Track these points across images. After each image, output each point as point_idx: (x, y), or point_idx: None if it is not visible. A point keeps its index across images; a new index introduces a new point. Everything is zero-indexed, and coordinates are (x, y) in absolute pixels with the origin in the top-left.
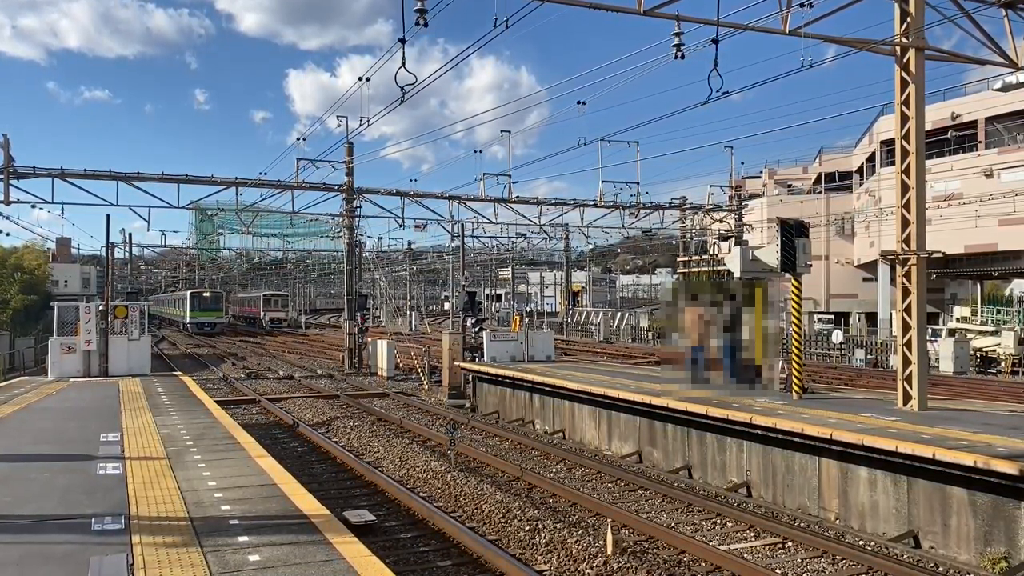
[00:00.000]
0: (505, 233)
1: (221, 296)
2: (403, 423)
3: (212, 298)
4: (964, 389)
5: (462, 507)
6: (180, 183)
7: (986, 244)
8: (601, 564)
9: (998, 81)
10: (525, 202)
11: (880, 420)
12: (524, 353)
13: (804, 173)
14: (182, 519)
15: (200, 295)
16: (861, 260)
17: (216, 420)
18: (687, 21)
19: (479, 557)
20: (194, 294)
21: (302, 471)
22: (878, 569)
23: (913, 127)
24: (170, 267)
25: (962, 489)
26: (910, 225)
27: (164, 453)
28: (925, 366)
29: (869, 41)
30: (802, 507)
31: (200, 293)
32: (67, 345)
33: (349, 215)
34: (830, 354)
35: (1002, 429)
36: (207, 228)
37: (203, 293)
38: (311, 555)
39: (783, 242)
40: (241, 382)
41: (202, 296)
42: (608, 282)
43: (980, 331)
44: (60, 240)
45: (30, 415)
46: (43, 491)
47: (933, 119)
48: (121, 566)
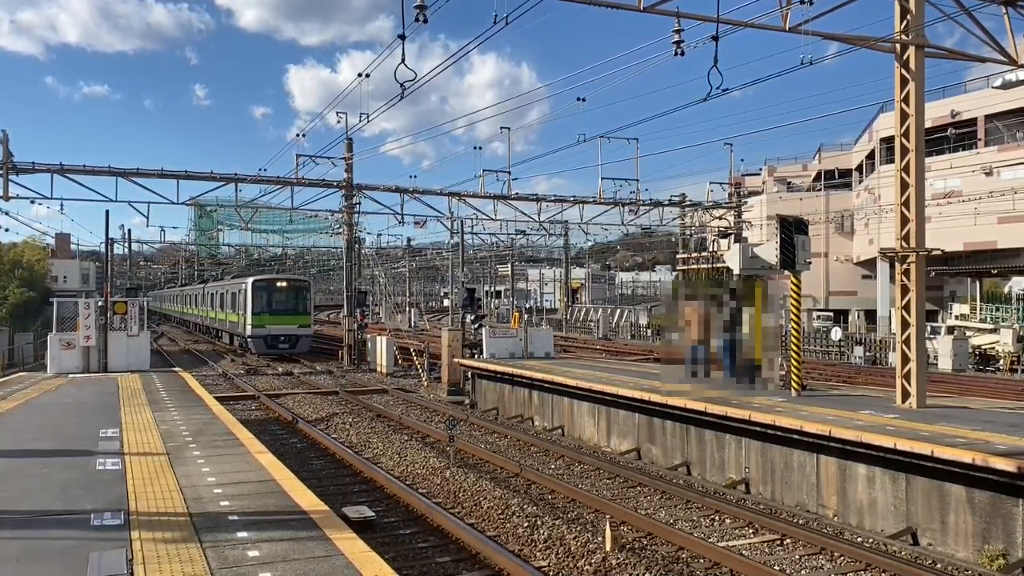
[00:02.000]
0: (504, 230)
1: (307, 288)
2: (402, 419)
3: (292, 291)
4: (963, 387)
5: (461, 503)
6: (179, 179)
7: (985, 242)
8: (600, 560)
9: (998, 79)
10: (525, 199)
11: (879, 417)
12: (523, 350)
13: (804, 170)
14: (181, 515)
15: (272, 286)
16: (860, 257)
17: (215, 416)
18: (687, 18)
19: (478, 553)
20: (261, 284)
21: (301, 467)
22: (876, 566)
23: (913, 124)
24: (169, 263)
25: (960, 486)
26: (909, 223)
27: (163, 449)
28: (924, 363)
29: (869, 38)
30: (801, 504)
31: (272, 283)
32: (66, 341)
33: (348, 211)
34: (829, 351)
35: (1001, 427)
36: (206, 224)
37: (277, 282)
38: (310, 551)
39: (782, 239)
40: (240, 378)
41: (275, 287)
42: (607, 279)
43: (979, 329)
44: (59, 236)
45: (29, 411)
46: (42, 487)
47: (933, 117)
48: (121, 562)
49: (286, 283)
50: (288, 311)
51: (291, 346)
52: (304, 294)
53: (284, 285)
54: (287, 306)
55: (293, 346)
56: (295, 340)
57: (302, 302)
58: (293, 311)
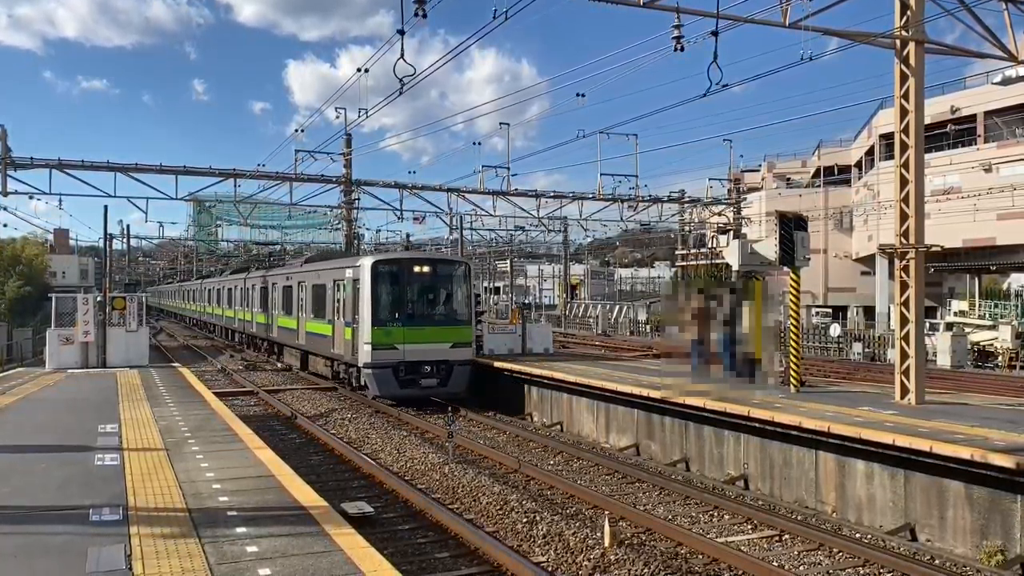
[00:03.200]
0: (503, 226)
1: (467, 275)
2: (401, 415)
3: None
4: (961, 383)
5: (460, 499)
6: (178, 174)
7: (984, 238)
8: (599, 556)
9: (998, 75)
10: (524, 195)
11: (878, 414)
12: (522, 346)
13: (803, 167)
14: (180, 510)
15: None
16: (859, 254)
17: (214, 412)
18: (687, 13)
19: (476, 549)
20: (389, 268)
21: (300, 463)
22: (875, 562)
23: (912, 121)
24: (168, 259)
25: (959, 482)
26: (909, 219)
27: (162, 445)
28: (923, 360)
29: (869, 34)
30: (799, 500)
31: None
32: (65, 336)
33: (347, 207)
34: (828, 348)
35: (999, 423)
36: (205, 220)
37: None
38: (309, 546)
39: (782, 235)
40: (239, 373)
41: (413, 274)
42: (606, 275)
43: (978, 325)
44: (58, 231)
45: (28, 406)
46: (41, 482)
47: (932, 113)
48: (119, 557)
49: (431, 267)
50: (436, 318)
51: (441, 381)
52: (462, 285)
53: (428, 271)
54: (434, 309)
55: (444, 381)
56: (446, 371)
57: (459, 301)
58: (445, 318)
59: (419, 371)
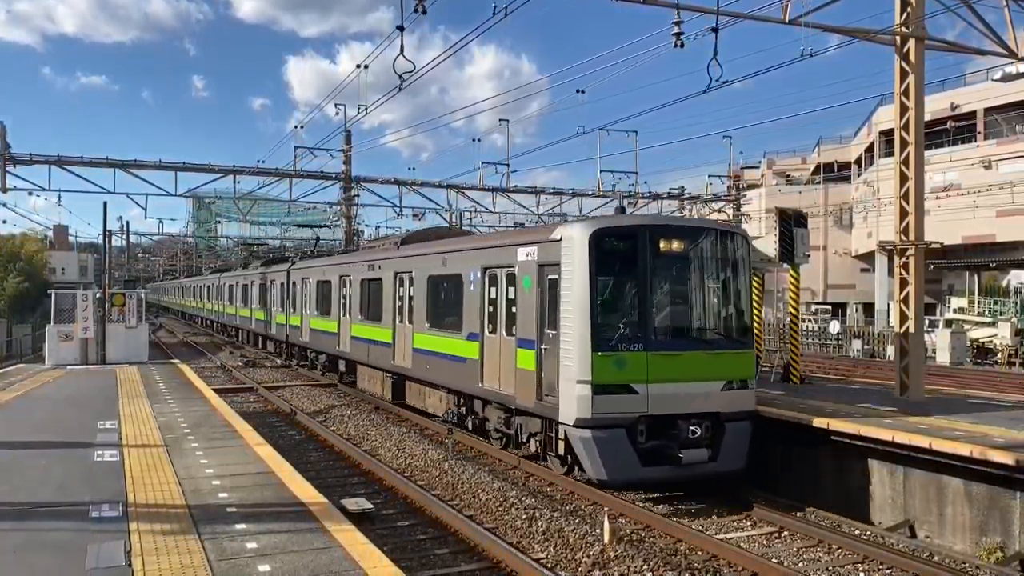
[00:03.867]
0: (503, 222)
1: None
2: (400, 412)
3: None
4: (961, 380)
5: (459, 495)
6: (177, 171)
7: (984, 235)
8: (598, 552)
9: (998, 72)
10: (523, 191)
11: (877, 410)
12: None
13: (803, 164)
14: (180, 507)
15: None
16: (859, 251)
17: (214, 408)
18: (687, 10)
19: (476, 545)
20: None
21: (299, 459)
22: (873, 558)
23: (912, 117)
24: (167, 255)
25: (958, 479)
26: (908, 216)
27: (162, 441)
28: (922, 356)
29: (869, 30)
30: (799, 496)
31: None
32: (64, 333)
33: (347, 204)
34: (827, 344)
35: (998, 420)
36: (204, 216)
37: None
38: (308, 542)
39: (781, 232)
40: (239, 370)
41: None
42: None
43: (977, 322)
44: (57, 228)
45: (28, 403)
46: (41, 479)
47: (932, 110)
48: (119, 553)
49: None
50: (703, 337)
51: (712, 448)
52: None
53: (686, 246)
54: (698, 320)
55: (716, 450)
56: (718, 434)
57: (736, 304)
58: (717, 337)
59: (674, 434)
